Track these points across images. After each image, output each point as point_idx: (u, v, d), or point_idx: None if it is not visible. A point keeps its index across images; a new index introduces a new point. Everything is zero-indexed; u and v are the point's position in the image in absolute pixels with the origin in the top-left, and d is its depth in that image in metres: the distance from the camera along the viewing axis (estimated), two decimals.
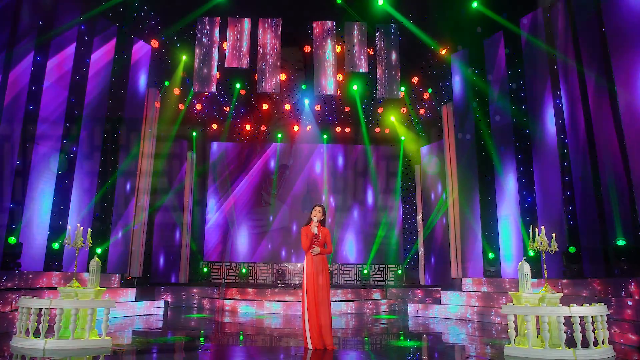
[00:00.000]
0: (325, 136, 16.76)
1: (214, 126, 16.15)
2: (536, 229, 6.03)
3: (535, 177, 10.66)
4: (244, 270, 15.51)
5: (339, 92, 13.74)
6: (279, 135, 16.72)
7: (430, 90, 14.45)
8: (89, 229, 6.79)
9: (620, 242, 7.93)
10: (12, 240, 8.69)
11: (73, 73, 10.37)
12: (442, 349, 6.90)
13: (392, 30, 12.87)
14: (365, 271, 15.87)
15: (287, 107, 15.70)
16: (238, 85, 14.65)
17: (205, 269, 15.62)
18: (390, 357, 6.07)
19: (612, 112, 8.28)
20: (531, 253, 9.68)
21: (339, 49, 12.88)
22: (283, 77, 13.80)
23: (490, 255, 11.26)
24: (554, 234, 6.06)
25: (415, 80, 14.24)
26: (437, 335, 8.02)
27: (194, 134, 15.68)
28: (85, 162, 10.63)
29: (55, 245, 9.64)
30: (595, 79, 8.73)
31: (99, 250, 10.43)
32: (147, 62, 12.40)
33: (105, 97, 11.19)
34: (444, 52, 12.93)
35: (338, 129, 16.71)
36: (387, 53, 12.81)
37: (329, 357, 5.64)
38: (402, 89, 14.32)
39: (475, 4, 11.28)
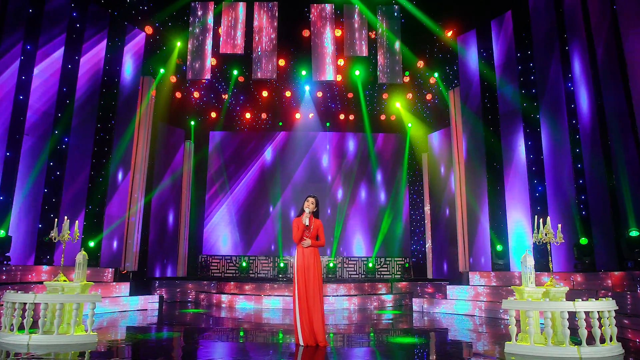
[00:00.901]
0: (328, 124, 16.29)
1: (213, 115, 15.65)
2: (541, 220, 5.64)
3: (546, 165, 10.25)
4: (244, 264, 15.14)
5: (340, 78, 13.29)
6: (280, 124, 16.29)
7: (436, 75, 13.90)
8: (77, 222, 6.58)
9: (634, 233, 7.67)
10: (1, 233, 8.52)
11: (64, 61, 10.14)
12: (440, 346, 6.58)
13: (395, 14, 12.39)
14: (370, 265, 15.40)
15: (288, 94, 15.28)
16: (235, 72, 14.25)
17: (204, 263, 15.33)
18: (385, 355, 5.72)
19: (625, 96, 7.88)
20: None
21: (338, 33, 12.42)
22: (282, 62, 13.37)
23: (499, 248, 10.85)
24: (559, 225, 5.70)
25: (421, 64, 13.71)
26: (438, 332, 7.67)
27: (192, 123, 15.31)
28: (77, 153, 10.40)
29: (46, 239, 9.43)
30: (605, 59, 8.29)
31: (91, 244, 10.23)
32: (141, 49, 12.06)
33: (98, 86, 10.91)
34: (449, 34, 12.41)
35: (342, 117, 16.22)
36: (389, 36, 12.33)
37: (320, 354, 5.40)
38: (407, 73, 13.84)
39: None
